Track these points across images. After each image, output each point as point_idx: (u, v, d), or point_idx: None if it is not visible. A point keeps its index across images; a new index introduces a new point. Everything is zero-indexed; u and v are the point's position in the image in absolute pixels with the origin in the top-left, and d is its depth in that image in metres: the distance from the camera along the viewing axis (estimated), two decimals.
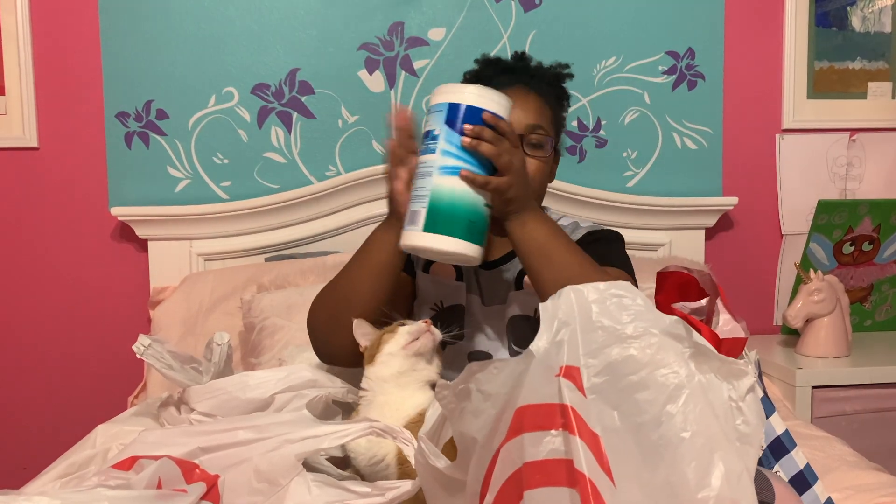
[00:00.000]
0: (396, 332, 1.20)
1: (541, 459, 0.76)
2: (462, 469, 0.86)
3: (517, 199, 1.22)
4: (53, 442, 1.76)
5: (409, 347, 1.18)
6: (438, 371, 1.21)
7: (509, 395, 0.81)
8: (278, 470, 0.99)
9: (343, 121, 2.33)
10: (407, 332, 1.19)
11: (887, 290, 2.50)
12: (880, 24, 2.49)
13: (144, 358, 1.25)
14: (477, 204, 1.18)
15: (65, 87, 2.25)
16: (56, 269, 2.29)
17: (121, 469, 0.95)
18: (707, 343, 0.82)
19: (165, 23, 2.25)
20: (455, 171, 1.16)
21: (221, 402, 1.20)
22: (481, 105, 1.18)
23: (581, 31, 2.37)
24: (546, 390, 0.78)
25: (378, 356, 1.19)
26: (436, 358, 1.21)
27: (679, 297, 1.41)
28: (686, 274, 1.40)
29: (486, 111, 1.18)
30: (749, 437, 0.79)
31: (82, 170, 2.27)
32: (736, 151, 2.47)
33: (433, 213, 1.15)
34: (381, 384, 1.18)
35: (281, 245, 2.28)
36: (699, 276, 1.38)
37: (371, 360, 1.20)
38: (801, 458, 1.21)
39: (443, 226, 1.15)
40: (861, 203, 2.37)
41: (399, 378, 1.18)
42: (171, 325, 2.12)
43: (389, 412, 1.14)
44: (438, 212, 1.15)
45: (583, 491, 0.72)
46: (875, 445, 2.09)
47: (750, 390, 0.80)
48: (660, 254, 2.38)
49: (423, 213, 1.16)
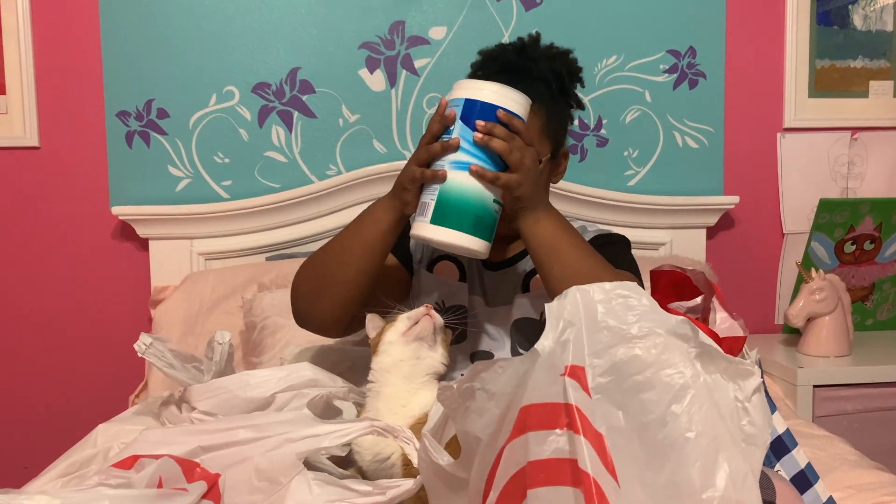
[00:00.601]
0: (397, 319, 1.21)
1: (545, 458, 0.76)
2: (465, 467, 0.86)
3: (527, 197, 1.22)
4: (54, 441, 1.75)
5: (408, 333, 1.18)
6: (444, 361, 1.20)
7: (513, 395, 0.81)
8: (279, 469, 0.99)
9: (344, 120, 2.32)
10: (406, 318, 1.20)
11: (889, 289, 2.50)
12: (882, 22, 2.49)
13: (146, 357, 1.25)
14: (486, 199, 1.19)
15: (65, 86, 2.24)
16: (57, 268, 2.29)
17: (122, 468, 0.94)
18: (713, 343, 0.81)
19: (166, 22, 2.25)
20: (465, 167, 1.17)
21: (222, 400, 1.20)
22: (497, 102, 1.19)
23: (582, 30, 2.36)
24: (551, 389, 0.78)
25: (380, 345, 1.19)
26: (440, 347, 1.20)
27: (674, 296, 1.41)
28: (679, 273, 1.40)
29: (501, 108, 1.18)
30: (755, 437, 0.79)
31: (83, 169, 2.27)
32: (737, 150, 2.47)
33: (441, 205, 1.17)
34: (386, 375, 1.18)
35: (282, 244, 2.28)
36: (692, 274, 1.38)
37: (375, 350, 1.21)
38: (802, 457, 1.21)
39: (451, 219, 1.17)
40: (862, 202, 2.37)
41: (402, 367, 1.17)
42: (171, 324, 2.11)
43: (395, 406, 1.14)
44: (447, 205, 1.17)
45: (587, 490, 0.72)
46: (876, 444, 2.09)
47: (756, 391, 0.80)
48: (661, 253, 2.37)
49: (433, 205, 1.18)
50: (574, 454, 0.74)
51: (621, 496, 0.74)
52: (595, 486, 0.72)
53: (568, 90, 1.45)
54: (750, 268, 2.51)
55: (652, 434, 0.78)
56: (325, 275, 1.34)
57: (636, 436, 0.78)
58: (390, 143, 2.34)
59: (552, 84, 1.41)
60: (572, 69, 1.45)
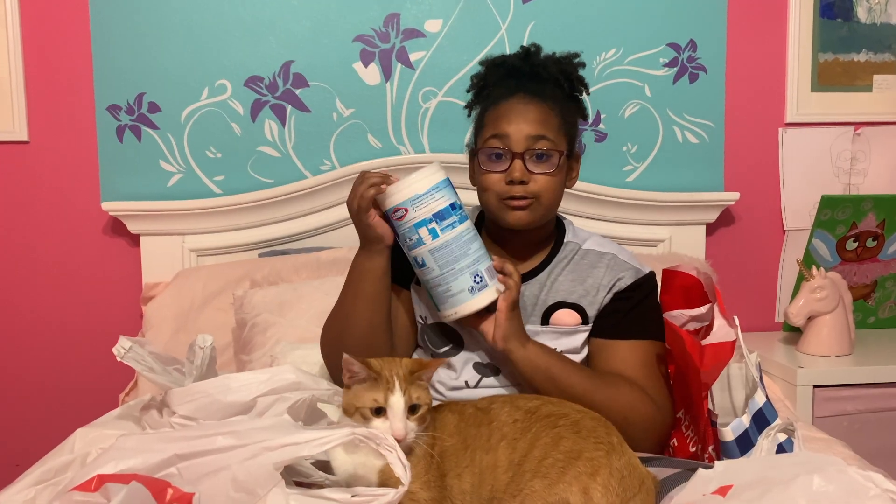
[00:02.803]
0: (368, 423, 1.09)
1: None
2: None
3: (514, 323, 1.32)
4: (45, 438, 1.71)
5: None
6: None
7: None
8: (256, 480, 0.96)
9: (338, 114, 2.29)
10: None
11: (891, 286, 2.46)
12: (886, 15, 2.44)
13: (125, 361, 1.22)
14: None
15: (55, 80, 2.21)
16: (47, 264, 2.26)
17: (85, 490, 0.91)
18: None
19: (157, 14, 2.21)
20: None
21: (202, 405, 1.17)
22: (416, 192, 1.28)
23: (580, 23, 2.32)
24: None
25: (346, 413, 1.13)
26: None
27: (683, 300, 1.39)
28: (693, 277, 1.37)
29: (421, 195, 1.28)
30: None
31: (73, 164, 2.24)
32: (738, 145, 2.43)
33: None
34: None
35: (275, 240, 2.25)
36: (705, 280, 1.35)
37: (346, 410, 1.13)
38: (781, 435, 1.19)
39: None
40: (865, 198, 2.33)
41: None
42: (163, 320, 2.09)
43: None
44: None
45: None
46: (877, 446, 2.06)
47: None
48: (660, 249, 2.34)
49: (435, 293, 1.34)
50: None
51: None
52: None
53: (577, 93, 1.45)
54: (750, 265, 2.48)
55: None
56: (341, 336, 1.39)
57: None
58: (385, 138, 2.30)
59: (563, 84, 1.41)
60: (579, 75, 1.45)
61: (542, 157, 1.36)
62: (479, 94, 1.46)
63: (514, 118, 1.36)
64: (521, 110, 1.36)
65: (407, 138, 2.31)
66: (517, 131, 1.35)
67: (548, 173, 1.36)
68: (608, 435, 1.16)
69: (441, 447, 1.14)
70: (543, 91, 1.39)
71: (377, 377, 1.10)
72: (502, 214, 1.39)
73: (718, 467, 1.05)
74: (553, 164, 1.36)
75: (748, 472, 1.00)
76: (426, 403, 1.13)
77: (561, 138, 1.38)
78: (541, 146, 1.35)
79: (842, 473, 0.92)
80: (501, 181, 1.37)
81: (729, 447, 1.27)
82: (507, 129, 1.36)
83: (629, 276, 1.43)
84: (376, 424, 1.08)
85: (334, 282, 1.99)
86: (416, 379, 1.13)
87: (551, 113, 1.37)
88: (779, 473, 0.96)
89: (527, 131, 1.35)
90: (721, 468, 1.04)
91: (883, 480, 0.90)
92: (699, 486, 1.03)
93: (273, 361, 1.79)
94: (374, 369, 1.11)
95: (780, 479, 0.94)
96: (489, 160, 1.38)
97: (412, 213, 1.27)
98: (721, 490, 0.98)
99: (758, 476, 0.98)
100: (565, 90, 1.42)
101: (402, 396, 1.09)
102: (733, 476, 1.01)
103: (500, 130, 1.37)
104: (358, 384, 1.12)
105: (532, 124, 1.35)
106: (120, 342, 1.23)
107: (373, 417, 1.09)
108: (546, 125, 1.36)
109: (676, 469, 1.20)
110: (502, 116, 1.37)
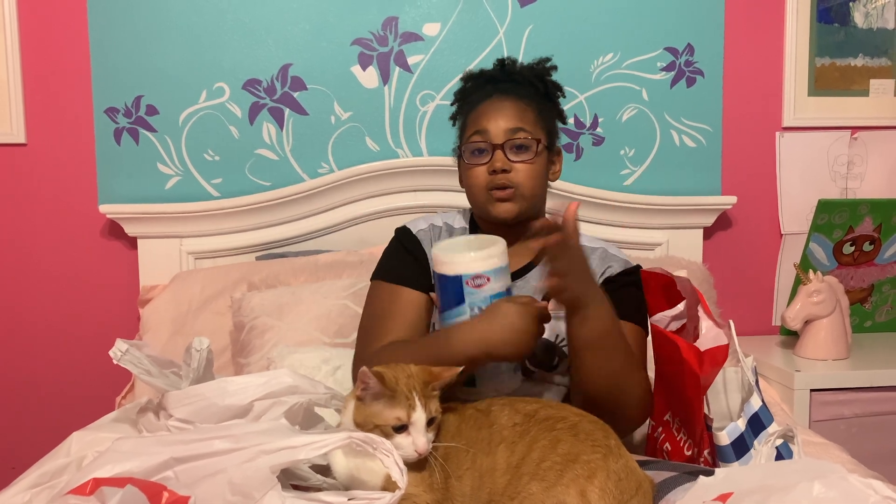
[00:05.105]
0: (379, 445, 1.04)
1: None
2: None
3: (574, 298, 1.28)
4: (41, 441, 1.72)
5: None
6: None
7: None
8: (252, 483, 0.96)
9: (336, 117, 2.29)
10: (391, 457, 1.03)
11: (888, 290, 2.46)
12: (883, 20, 2.45)
13: (122, 364, 1.22)
14: None
15: (53, 82, 2.21)
16: (44, 267, 2.26)
17: (80, 494, 0.90)
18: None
19: (155, 17, 2.22)
20: None
21: (199, 408, 1.17)
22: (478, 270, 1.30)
23: (578, 27, 2.33)
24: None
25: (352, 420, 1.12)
26: None
27: (664, 298, 1.41)
28: (667, 276, 1.40)
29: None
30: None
31: (71, 166, 2.24)
32: (735, 149, 2.44)
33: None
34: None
35: (272, 243, 2.25)
36: (678, 280, 1.36)
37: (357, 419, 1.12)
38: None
39: None
40: (862, 203, 2.34)
41: None
42: (160, 323, 2.09)
43: None
44: None
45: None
46: (874, 450, 2.06)
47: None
48: (657, 253, 2.34)
49: None
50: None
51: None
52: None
53: (552, 95, 1.53)
54: (747, 269, 2.48)
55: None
56: None
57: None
58: (383, 141, 2.30)
59: (537, 85, 1.50)
60: (552, 78, 1.53)
61: (521, 148, 1.44)
62: (461, 104, 1.55)
63: (492, 115, 1.45)
64: (498, 107, 1.45)
65: (405, 141, 2.31)
66: (496, 126, 1.44)
67: (527, 161, 1.43)
68: (605, 438, 1.16)
69: (444, 450, 1.14)
70: (519, 90, 1.48)
71: (393, 393, 1.10)
72: (489, 208, 1.45)
73: (719, 475, 1.05)
74: (532, 153, 1.44)
75: (749, 480, 1.00)
76: (439, 413, 1.13)
77: (539, 130, 1.46)
78: (519, 136, 1.43)
79: (842, 480, 0.92)
80: (485, 173, 1.45)
81: (724, 451, 1.27)
82: (486, 125, 1.45)
83: (619, 265, 1.51)
84: (399, 441, 1.08)
85: (332, 285, 1.99)
86: (430, 391, 1.13)
87: (527, 108, 1.46)
88: (779, 480, 0.96)
89: (504, 125, 1.44)
90: (721, 475, 1.04)
91: (883, 487, 0.90)
92: (699, 493, 1.03)
93: (270, 365, 1.79)
94: (390, 386, 1.10)
95: (780, 487, 0.94)
96: (472, 155, 1.47)
97: (493, 282, 1.30)
98: (721, 497, 0.98)
99: (758, 483, 0.98)
100: (540, 90, 1.50)
101: (423, 412, 1.09)
102: (734, 483, 1.01)
103: (481, 126, 1.45)
104: (373, 399, 1.10)
105: (509, 119, 1.44)
106: (117, 345, 1.22)
107: (394, 434, 1.08)
108: (522, 118, 1.45)
109: (673, 472, 1.20)
110: (482, 115, 1.46)
